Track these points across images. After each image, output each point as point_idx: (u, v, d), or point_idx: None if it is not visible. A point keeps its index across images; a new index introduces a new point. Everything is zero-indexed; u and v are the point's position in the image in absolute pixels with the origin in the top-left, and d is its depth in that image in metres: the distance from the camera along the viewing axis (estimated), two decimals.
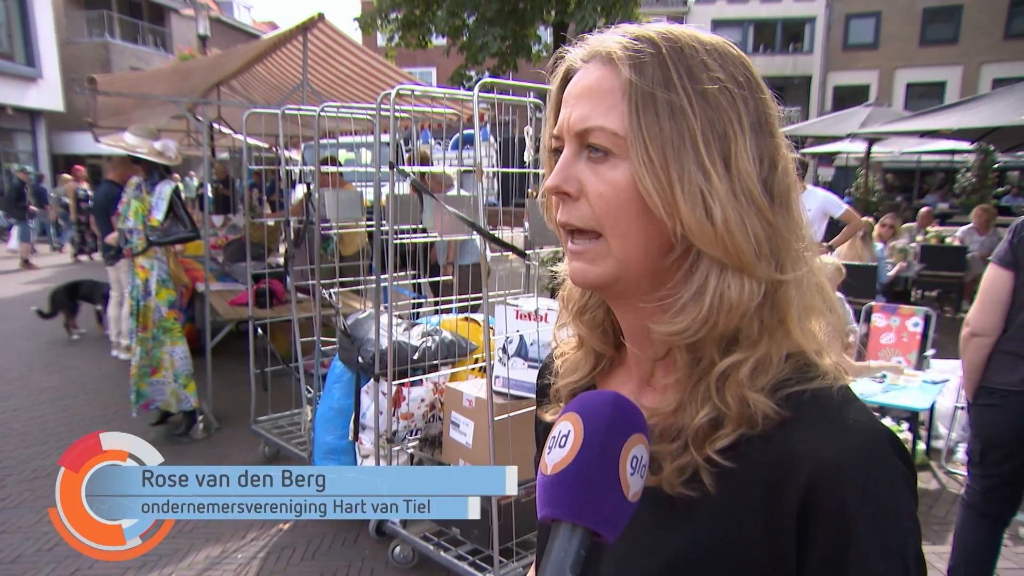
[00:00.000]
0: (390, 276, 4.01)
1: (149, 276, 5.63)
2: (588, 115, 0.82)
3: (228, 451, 5.75)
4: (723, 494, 0.80)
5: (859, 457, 0.76)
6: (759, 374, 0.81)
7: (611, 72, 0.82)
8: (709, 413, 0.81)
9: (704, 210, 0.78)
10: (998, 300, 3.11)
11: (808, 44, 35.79)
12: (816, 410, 0.79)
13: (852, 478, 0.75)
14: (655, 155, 0.78)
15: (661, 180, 0.78)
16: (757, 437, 0.79)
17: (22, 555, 4.22)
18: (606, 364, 1.01)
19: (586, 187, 0.83)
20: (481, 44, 16.69)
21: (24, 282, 14.44)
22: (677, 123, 0.79)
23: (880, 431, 0.79)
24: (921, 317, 5.94)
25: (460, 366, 4.31)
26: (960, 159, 23.95)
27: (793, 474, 0.76)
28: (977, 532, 3.33)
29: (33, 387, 7.46)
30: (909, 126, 11.65)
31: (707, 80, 0.80)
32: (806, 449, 0.77)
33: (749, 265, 0.80)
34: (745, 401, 0.79)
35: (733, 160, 0.80)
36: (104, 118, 10.37)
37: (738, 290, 0.80)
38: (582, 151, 0.84)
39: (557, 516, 0.71)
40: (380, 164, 4.16)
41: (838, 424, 0.78)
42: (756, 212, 0.80)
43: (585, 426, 0.72)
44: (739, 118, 0.81)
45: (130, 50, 29.87)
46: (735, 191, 0.79)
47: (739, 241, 0.79)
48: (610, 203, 0.81)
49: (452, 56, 18.51)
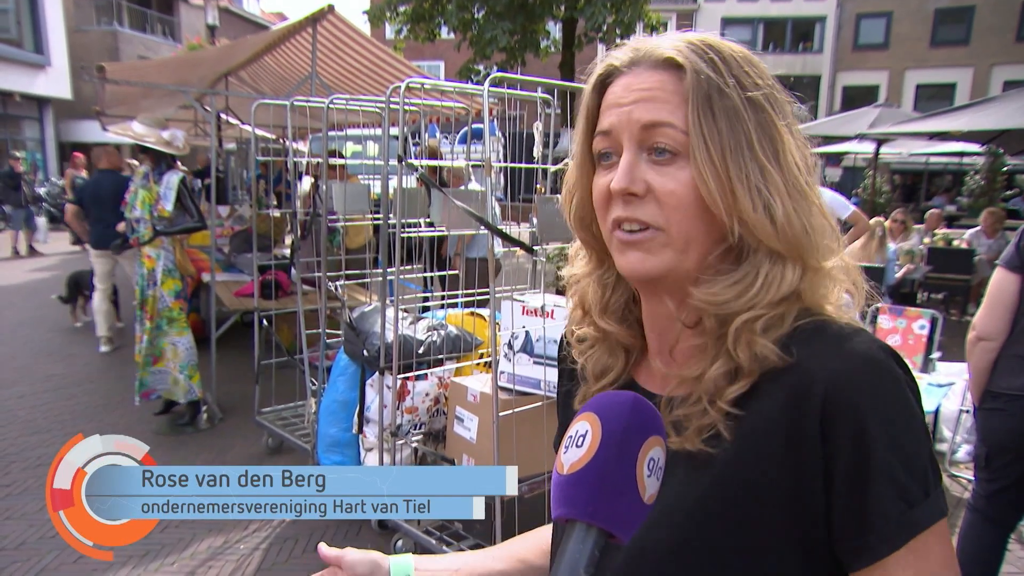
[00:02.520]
0: (396, 270, 4.00)
1: (155, 266, 5.63)
2: (656, 113, 0.86)
3: (231, 442, 5.76)
4: (744, 436, 0.84)
5: (864, 365, 0.81)
6: (771, 329, 0.85)
7: (671, 76, 0.87)
8: (724, 365, 0.86)
9: (764, 206, 0.84)
10: (1005, 304, 3.09)
11: (818, 43, 35.65)
12: (824, 334, 0.85)
13: (860, 383, 0.80)
14: (716, 156, 0.83)
15: (722, 179, 0.83)
16: (772, 371, 0.84)
17: (26, 541, 4.23)
18: (636, 356, 1.03)
19: (654, 187, 0.86)
20: (490, 38, 16.67)
21: (29, 269, 14.46)
22: (733, 126, 0.84)
23: (882, 347, 0.83)
24: (927, 319, 5.92)
25: (465, 361, 4.31)
26: (969, 161, 23.86)
27: (809, 390, 0.81)
28: (982, 536, 3.32)
29: (38, 375, 7.48)
30: (919, 127, 11.61)
31: (751, 86, 0.86)
32: (817, 365, 0.82)
33: (805, 254, 0.86)
34: (755, 350, 0.84)
35: (783, 158, 0.86)
36: (112, 107, 10.38)
37: (788, 278, 0.86)
38: (641, 153, 0.87)
39: (572, 516, 0.71)
40: (388, 157, 4.15)
41: (844, 342, 0.83)
42: (807, 204, 0.87)
43: (603, 427, 0.73)
44: (781, 121, 0.87)
45: (138, 39, 29.87)
46: (788, 187, 0.86)
47: (798, 233, 0.85)
48: (681, 200, 0.85)
49: (460, 50, 18.50)
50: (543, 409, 3.55)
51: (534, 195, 3.80)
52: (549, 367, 3.56)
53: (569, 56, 17.72)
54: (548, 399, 3.56)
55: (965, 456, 5.32)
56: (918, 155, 21.74)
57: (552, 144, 4.14)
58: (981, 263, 10.42)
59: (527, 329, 3.64)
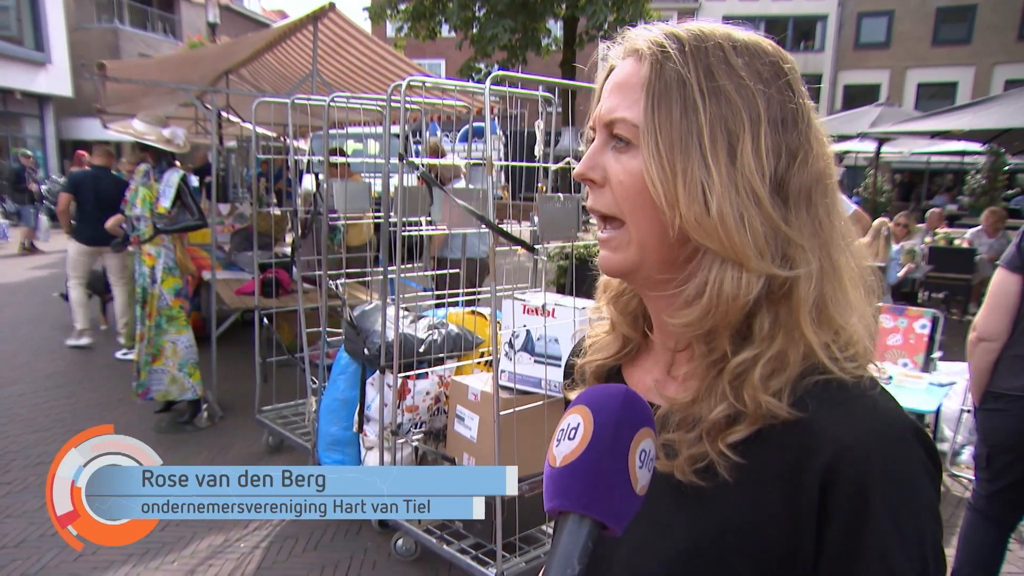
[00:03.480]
0: (397, 268, 4.00)
1: (155, 264, 5.63)
2: (615, 107, 0.86)
3: (232, 440, 5.75)
4: (741, 480, 0.81)
5: (880, 442, 0.77)
6: (775, 375, 0.81)
7: (637, 67, 0.86)
8: (726, 410, 0.82)
9: (703, 203, 0.80)
10: (1006, 304, 3.09)
11: (819, 42, 35.61)
12: (838, 395, 0.81)
13: (872, 462, 0.76)
14: (663, 147, 0.82)
15: (666, 171, 0.81)
16: (776, 426, 0.81)
17: (26, 539, 4.23)
18: (633, 348, 1.04)
19: (609, 175, 0.87)
20: (491, 36, 16.69)
21: (30, 267, 14.45)
22: (687, 118, 0.81)
23: (904, 419, 0.80)
24: (928, 319, 5.91)
25: (466, 360, 4.31)
26: (970, 160, 23.86)
27: (814, 456, 0.78)
28: (983, 536, 3.32)
29: (39, 373, 7.48)
30: (920, 126, 11.62)
31: (724, 77, 0.82)
32: (827, 432, 0.78)
33: (746, 258, 0.81)
34: (759, 403, 0.80)
35: (739, 156, 0.81)
36: (112, 104, 10.38)
37: (734, 283, 0.81)
38: (609, 141, 0.88)
39: (565, 508, 0.71)
40: (389, 155, 4.15)
41: (861, 409, 0.80)
42: (757, 207, 0.81)
43: (595, 419, 0.73)
44: (755, 115, 0.82)
45: (139, 37, 29.88)
46: (737, 186, 0.81)
47: (734, 234, 0.80)
48: (628, 190, 0.85)
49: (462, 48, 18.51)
50: (544, 408, 3.54)
51: (535, 193, 3.79)
52: (550, 366, 3.55)
53: (570, 54, 17.74)
54: (549, 398, 3.56)
55: (969, 459, 5.31)
56: (919, 154, 21.74)
57: (553, 143, 4.14)
58: (982, 262, 10.43)
59: (528, 328, 3.63)
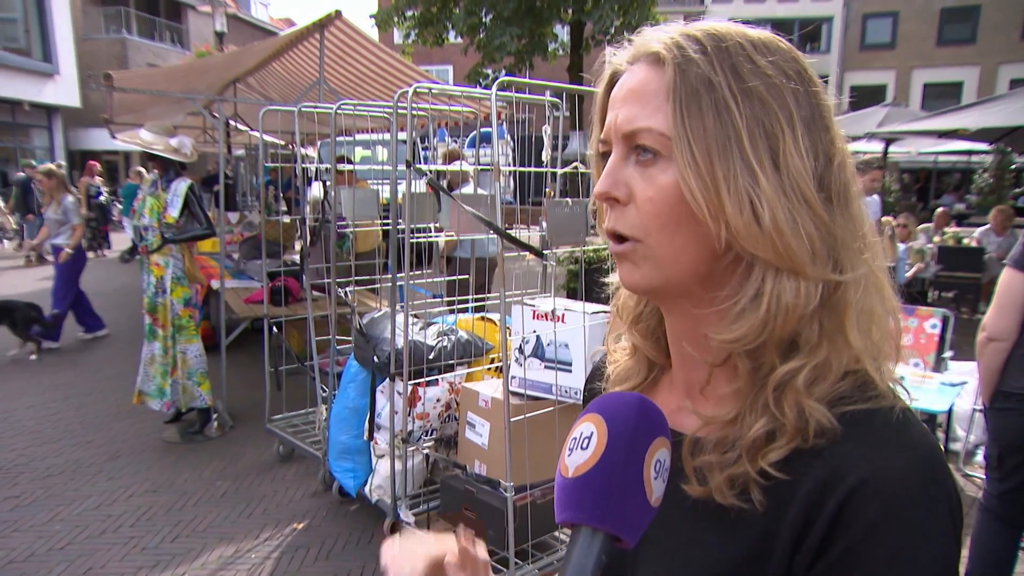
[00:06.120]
0: (406, 275, 3.99)
1: (164, 273, 5.64)
2: (635, 116, 0.80)
3: (243, 449, 5.75)
4: (767, 508, 0.76)
5: (901, 481, 0.71)
6: (818, 382, 0.77)
7: (656, 72, 0.80)
8: (767, 424, 0.77)
9: (751, 211, 0.75)
10: (1014, 304, 3.07)
11: (825, 44, 35.58)
12: (870, 428, 0.75)
13: (885, 502, 0.71)
14: (700, 156, 0.75)
15: (706, 181, 0.75)
16: (808, 451, 0.75)
17: (35, 553, 4.22)
18: (657, 371, 0.98)
19: (635, 192, 0.80)
20: (498, 43, 16.72)
21: (37, 278, 14.47)
22: (722, 122, 0.76)
23: (932, 458, 0.74)
24: (939, 319, 5.87)
25: (476, 366, 4.30)
26: (977, 160, 23.83)
27: (834, 490, 0.72)
28: (994, 536, 3.30)
29: (46, 383, 7.49)
30: (927, 126, 11.60)
31: (753, 77, 0.77)
32: (851, 466, 0.73)
33: (803, 266, 0.76)
34: (802, 410, 0.76)
35: (782, 157, 0.76)
36: (120, 114, 10.41)
37: (794, 293, 0.76)
38: (630, 154, 0.82)
39: (579, 521, 0.69)
40: (397, 162, 4.15)
41: (889, 444, 0.74)
42: (808, 210, 0.77)
43: (609, 428, 0.70)
44: (789, 114, 0.77)
45: (147, 46, 30.08)
46: (785, 190, 0.76)
47: (790, 242, 0.75)
48: (660, 207, 0.78)
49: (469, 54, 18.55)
50: (555, 414, 3.53)
51: (543, 199, 3.78)
52: (560, 371, 3.54)
53: (577, 59, 17.77)
54: (560, 404, 3.54)
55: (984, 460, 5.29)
56: (926, 154, 21.67)
57: (561, 147, 4.13)
58: (991, 261, 10.41)
59: (538, 333, 3.62)
